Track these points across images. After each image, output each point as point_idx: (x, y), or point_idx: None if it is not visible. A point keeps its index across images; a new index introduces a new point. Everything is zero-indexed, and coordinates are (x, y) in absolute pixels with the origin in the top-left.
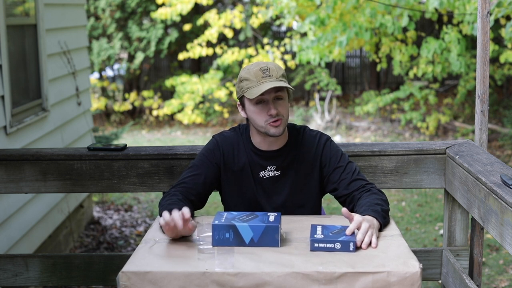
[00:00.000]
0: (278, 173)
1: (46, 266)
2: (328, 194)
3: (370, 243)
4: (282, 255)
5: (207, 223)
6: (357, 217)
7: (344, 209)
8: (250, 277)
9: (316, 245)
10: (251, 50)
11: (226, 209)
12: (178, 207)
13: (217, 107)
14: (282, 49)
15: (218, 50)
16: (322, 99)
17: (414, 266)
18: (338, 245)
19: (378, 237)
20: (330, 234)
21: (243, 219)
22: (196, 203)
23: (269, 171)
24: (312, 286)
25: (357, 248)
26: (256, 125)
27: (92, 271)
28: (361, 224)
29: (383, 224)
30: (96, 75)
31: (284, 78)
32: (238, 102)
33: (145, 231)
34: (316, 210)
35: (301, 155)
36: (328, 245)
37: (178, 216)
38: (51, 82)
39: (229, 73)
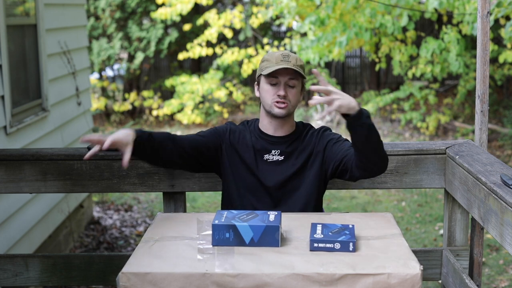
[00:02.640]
0: (282, 158)
1: (46, 266)
2: (328, 194)
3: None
4: (282, 256)
5: (207, 220)
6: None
7: (313, 87)
8: (250, 279)
9: (315, 245)
10: (251, 50)
11: (226, 189)
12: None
13: (216, 107)
14: (282, 49)
15: (218, 50)
16: None
17: (414, 267)
18: (337, 245)
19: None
20: (330, 233)
21: (243, 219)
22: (187, 152)
23: (273, 155)
24: (313, 287)
25: (357, 248)
26: (264, 103)
27: (92, 271)
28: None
29: (363, 111)
30: (96, 75)
31: (302, 69)
32: (256, 82)
33: (145, 231)
34: (316, 200)
35: (303, 145)
36: (328, 245)
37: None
38: (51, 82)
39: (229, 73)
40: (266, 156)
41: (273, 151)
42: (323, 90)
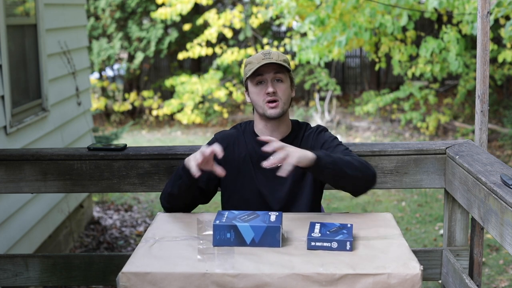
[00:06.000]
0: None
1: (46, 266)
2: (328, 194)
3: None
4: (283, 256)
5: (207, 220)
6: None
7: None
8: (250, 279)
9: (312, 243)
10: (250, 50)
11: (225, 204)
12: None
13: (216, 107)
14: (282, 49)
15: (217, 50)
16: (322, 99)
17: (414, 268)
18: (334, 244)
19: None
20: (327, 232)
21: (244, 219)
22: (202, 192)
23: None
24: (312, 287)
25: (357, 248)
26: (257, 106)
27: (92, 271)
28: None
29: (320, 157)
30: (96, 75)
31: (285, 63)
32: (245, 88)
33: (145, 231)
34: (316, 204)
35: (301, 147)
36: (325, 244)
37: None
38: (51, 82)
39: (228, 73)
40: (264, 163)
41: (271, 157)
42: (276, 147)
